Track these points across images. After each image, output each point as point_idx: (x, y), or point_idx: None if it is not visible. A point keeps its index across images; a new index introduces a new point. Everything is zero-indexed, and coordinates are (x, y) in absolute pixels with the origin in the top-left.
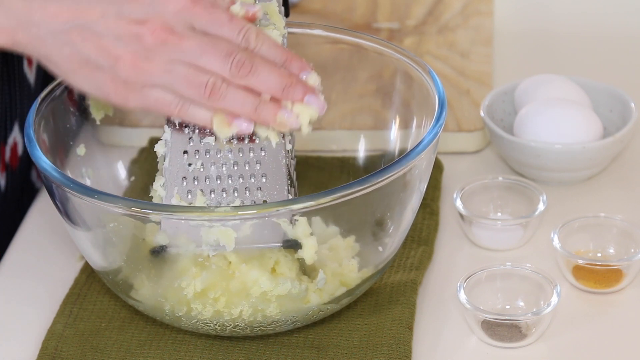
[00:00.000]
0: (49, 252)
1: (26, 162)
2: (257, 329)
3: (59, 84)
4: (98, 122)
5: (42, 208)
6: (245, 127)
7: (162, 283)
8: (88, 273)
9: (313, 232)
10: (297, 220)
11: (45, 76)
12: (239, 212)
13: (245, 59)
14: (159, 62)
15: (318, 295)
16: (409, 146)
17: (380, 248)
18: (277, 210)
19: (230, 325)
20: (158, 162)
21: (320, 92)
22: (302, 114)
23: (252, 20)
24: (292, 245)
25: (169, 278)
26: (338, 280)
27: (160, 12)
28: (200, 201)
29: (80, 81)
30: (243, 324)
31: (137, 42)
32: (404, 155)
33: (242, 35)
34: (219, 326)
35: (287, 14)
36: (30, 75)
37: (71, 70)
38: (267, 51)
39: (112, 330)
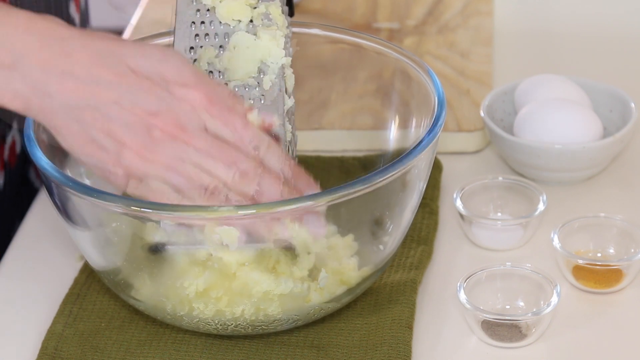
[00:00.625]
0: (49, 252)
1: (24, 160)
2: (259, 327)
3: None
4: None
5: (42, 208)
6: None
7: (164, 282)
8: (88, 273)
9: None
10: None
11: None
12: (239, 212)
13: (251, 170)
14: (165, 157)
15: (319, 294)
16: (408, 146)
17: (380, 247)
18: (278, 209)
19: (232, 324)
20: None
21: (323, 215)
22: (299, 234)
23: (267, 130)
24: (291, 246)
25: (171, 277)
26: (338, 279)
27: (176, 107)
28: None
29: (84, 156)
30: (245, 323)
31: (146, 134)
32: (403, 155)
33: (253, 144)
34: (220, 325)
35: (291, 14)
36: None
37: (77, 145)
38: (276, 164)
39: (112, 330)
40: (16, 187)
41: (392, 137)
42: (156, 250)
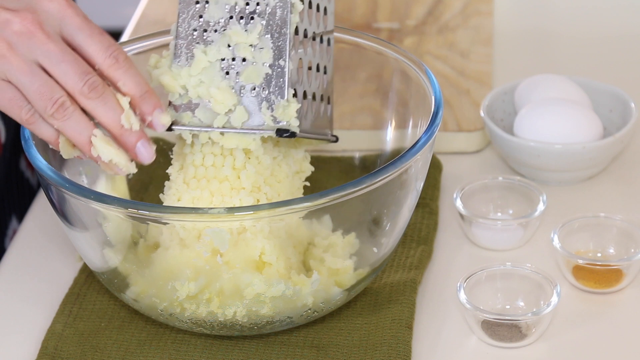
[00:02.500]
0: (49, 252)
1: (12, 150)
2: (253, 328)
3: None
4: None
5: (41, 208)
6: (85, 155)
7: (156, 283)
8: (88, 273)
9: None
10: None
11: None
12: (235, 214)
13: (100, 84)
14: (21, 55)
15: (312, 296)
16: (406, 146)
17: (376, 247)
18: (275, 210)
19: (225, 325)
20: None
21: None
22: (119, 157)
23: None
24: (286, 133)
25: (163, 279)
26: (333, 281)
27: (34, 7)
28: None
29: None
30: (238, 325)
31: (4, 28)
32: (401, 155)
33: (109, 52)
34: (216, 325)
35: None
36: None
37: None
38: (129, 79)
39: (112, 330)
40: (4, 177)
41: (391, 137)
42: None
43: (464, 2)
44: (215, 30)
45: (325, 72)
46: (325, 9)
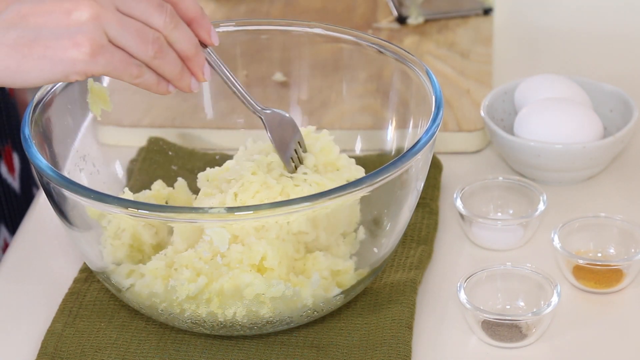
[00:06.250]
0: (49, 252)
1: None
2: (253, 328)
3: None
4: (99, 119)
5: (42, 208)
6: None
7: (156, 283)
8: (88, 272)
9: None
10: None
11: None
12: (235, 213)
13: (174, 12)
14: (107, 8)
15: (312, 296)
16: (406, 146)
17: (376, 248)
18: (275, 210)
19: (225, 325)
20: None
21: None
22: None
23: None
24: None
25: (164, 278)
26: (333, 281)
27: None
28: None
29: (33, 64)
30: (238, 325)
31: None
32: (401, 155)
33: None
34: (216, 325)
35: None
36: None
37: (22, 55)
38: (183, 43)
39: (112, 329)
40: None
41: (391, 137)
42: None
43: None
44: None
45: None
46: None
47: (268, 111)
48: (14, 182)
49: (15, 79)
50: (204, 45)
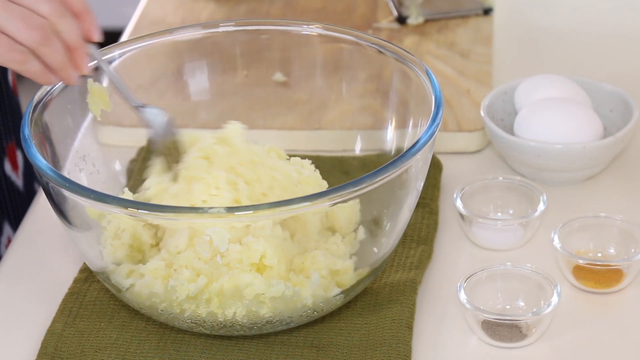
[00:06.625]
0: (49, 252)
1: None
2: (253, 328)
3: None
4: (99, 119)
5: (42, 207)
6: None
7: (156, 283)
8: (88, 272)
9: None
10: None
11: None
12: (235, 213)
13: (62, 3)
14: None
15: (312, 296)
16: (406, 146)
17: (376, 247)
18: (275, 210)
19: (225, 325)
20: None
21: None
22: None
23: None
24: None
25: (163, 278)
26: (333, 281)
27: None
28: None
29: None
30: (237, 325)
31: None
32: (401, 155)
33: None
34: (216, 325)
35: None
36: None
37: None
38: (70, 34)
39: (112, 329)
40: None
41: (391, 136)
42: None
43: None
44: None
45: None
46: None
47: (146, 108)
48: (18, 180)
49: None
50: (88, 41)
